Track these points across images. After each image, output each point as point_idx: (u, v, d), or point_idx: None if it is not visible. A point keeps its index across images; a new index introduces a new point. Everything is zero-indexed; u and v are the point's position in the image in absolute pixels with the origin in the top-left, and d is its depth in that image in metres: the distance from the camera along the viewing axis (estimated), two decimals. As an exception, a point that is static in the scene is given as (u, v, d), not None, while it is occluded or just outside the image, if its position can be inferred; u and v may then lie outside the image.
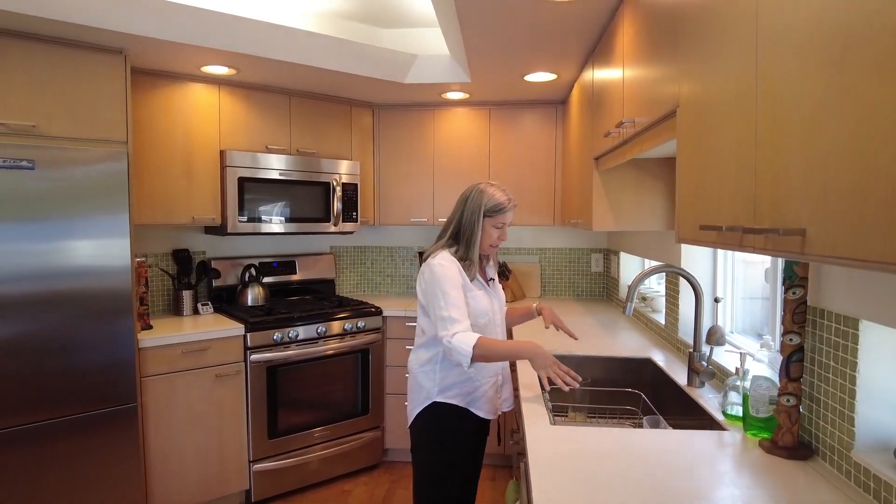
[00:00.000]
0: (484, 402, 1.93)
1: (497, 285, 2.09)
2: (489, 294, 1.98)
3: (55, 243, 2.31)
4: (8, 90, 2.25)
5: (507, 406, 2.08)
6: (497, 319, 2.00)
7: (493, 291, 2.03)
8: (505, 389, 2.05)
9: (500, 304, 2.06)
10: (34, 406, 2.28)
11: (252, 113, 3.18)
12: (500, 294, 2.08)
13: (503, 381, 2.03)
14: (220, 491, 2.85)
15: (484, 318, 1.91)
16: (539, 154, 3.58)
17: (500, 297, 2.07)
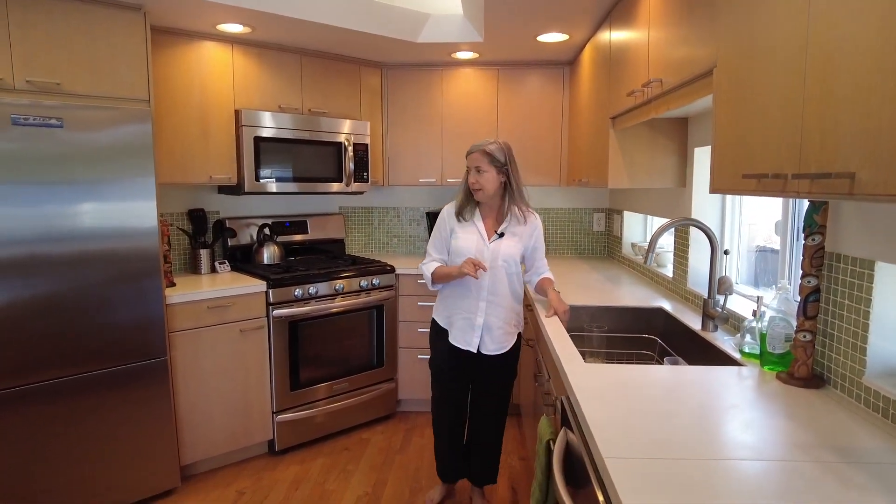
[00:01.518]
0: (457, 330, 2.35)
1: (504, 239, 2.28)
2: (481, 239, 2.28)
3: (86, 204, 2.35)
4: (32, 48, 2.25)
5: (488, 349, 2.33)
6: (485, 263, 2.23)
7: (493, 240, 2.28)
8: (487, 336, 2.31)
9: (500, 257, 2.26)
10: (72, 361, 2.35)
11: (265, 72, 3.19)
12: (503, 246, 2.27)
13: (483, 326, 2.30)
14: (246, 441, 2.98)
15: (464, 258, 2.23)
16: (546, 115, 3.66)
17: (503, 251, 2.26)
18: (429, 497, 2.63)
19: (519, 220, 2.30)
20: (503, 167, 2.24)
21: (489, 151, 2.21)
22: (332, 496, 2.68)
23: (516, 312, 2.37)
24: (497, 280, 2.28)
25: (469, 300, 2.30)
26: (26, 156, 2.18)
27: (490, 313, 2.30)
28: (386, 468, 2.94)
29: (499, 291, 2.29)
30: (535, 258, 2.40)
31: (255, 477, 2.86)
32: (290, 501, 2.64)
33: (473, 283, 2.27)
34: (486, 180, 2.23)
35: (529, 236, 2.34)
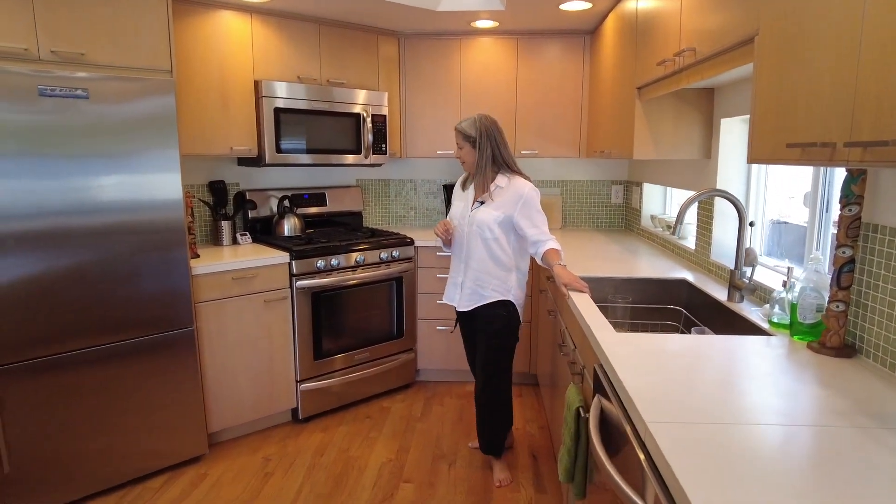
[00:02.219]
0: (447, 288, 2.65)
1: (482, 207, 2.42)
2: (466, 206, 2.49)
3: (112, 176, 2.36)
4: (56, 18, 2.24)
5: (462, 305, 2.55)
6: (463, 229, 2.48)
7: (474, 207, 2.45)
8: (465, 291, 2.52)
9: (475, 222, 2.42)
10: (102, 330, 2.40)
11: (283, 42, 3.16)
12: (481, 215, 2.41)
13: (464, 285, 2.52)
14: (271, 409, 3.04)
15: (455, 223, 2.53)
16: (566, 85, 3.62)
17: (478, 217, 2.41)
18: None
19: (503, 188, 2.40)
20: (474, 142, 2.40)
21: (459, 129, 2.43)
22: (357, 462, 2.75)
23: (496, 277, 2.44)
24: (472, 245, 2.46)
25: (456, 261, 2.57)
26: (53, 128, 2.19)
27: (467, 275, 2.50)
28: (408, 435, 3.00)
29: (474, 255, 2.47)
30: (522, 226, 2.37)
31: (280, 444, 2.93)
32: (316, 468, 2.70)
33: (457, 246, 2.53)
34: (463, 154, 2.45)
35: (514, 203, 2.37)
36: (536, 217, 2.39)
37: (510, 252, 2.45)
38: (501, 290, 2.46)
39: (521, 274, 2.52)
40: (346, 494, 2.49)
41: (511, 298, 2.47)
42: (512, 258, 2.46)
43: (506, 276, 2.45)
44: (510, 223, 2.40)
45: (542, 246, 2.35)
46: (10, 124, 2.10)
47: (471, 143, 2.41)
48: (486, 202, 2.42)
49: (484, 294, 2.47)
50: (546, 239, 2.36)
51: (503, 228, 2.40)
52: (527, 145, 3.69)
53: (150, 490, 2.51)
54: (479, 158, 2.40)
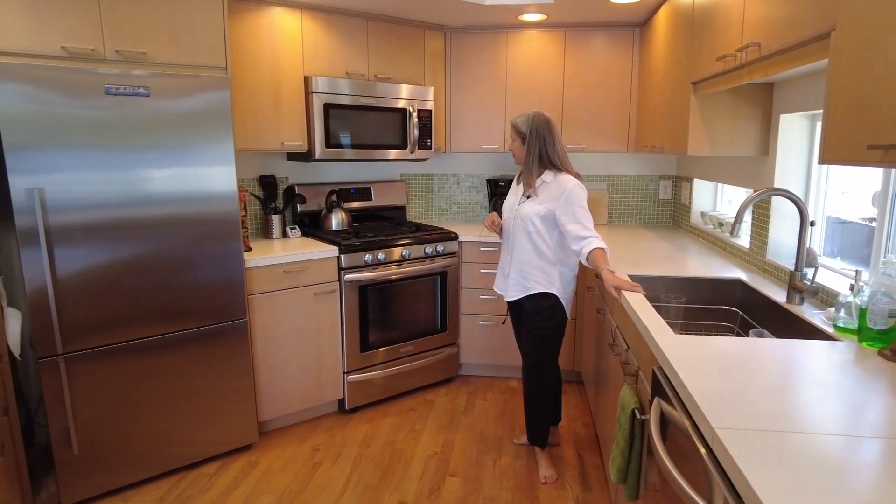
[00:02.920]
0: (497, 279, 2.72)
1: (528, 201, 2.47)
2: (516, 199, 2.54)
3: (171, 170, 2.43)
4: (120, 19, 2.32)
5: (508, 295, 2.58)
6: (510, 222, 2.55)
7: (521, 201, 2.50)
8: (510, 281, 2.56)
9: (519, 215, 2.48)
10: (160, 320, 2.48)
11: (332, 38, 3.20)
12: (525, 208, 2.46)
13: (509, 275, 2.56)
14: (319, 399, 3.10)
15: (505, 215, 2.60)
16: (614, 78, 3.56)
17: (522, 210, 2.47)
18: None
19: (549, 184, 2.43)
20: (524, 138, 2.44)
21: (513, 123, 2.48)
22: (404, 454, 2.78)
23: (540, 269, 2.48)
24: (517, 237, 2.51)
25: (504, 254, 2.64)
26: (117, 123, 2.27)
27: (512, 265, 2.55)
28: (452, 429, 3.02)
29: (517, 247, 2.52)
30: (563, 221, 2.37)
31: (327, 434, 2.99)
32: (363, 458, 2.75)
33: (507, 240, 2.59)
34: (514, 148, 2.51)
35: (557, 199, 2.38)
36: (580, 213, 2.36)
37: (553, 247, 2.46)
38: (545, 282, 2.48)
39: (567, 269, 2.52)
40: (394, 486, 2.53)
41: (554, 292, 2.48)
42: (556, 254, 2.47)
43: (549, 270, 2.48)
44: (552, 218, 2.41)
45: (585, 245, 2.32)
46: (80, 120, 2.19)
47: (521, 138, 2.45)
48: (531, 196, 2.46)
49: (527, 285, 2.50)
50: (590, 237, 2.33)
51: (546, 223, 2.43)
52: (573, 140, 3.65)
53: (204, 476, 2.60)
54: (526, 155, 2.45)
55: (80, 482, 2.36)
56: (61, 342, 2.24)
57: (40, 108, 2.10)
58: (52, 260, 2.19)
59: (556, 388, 2.74)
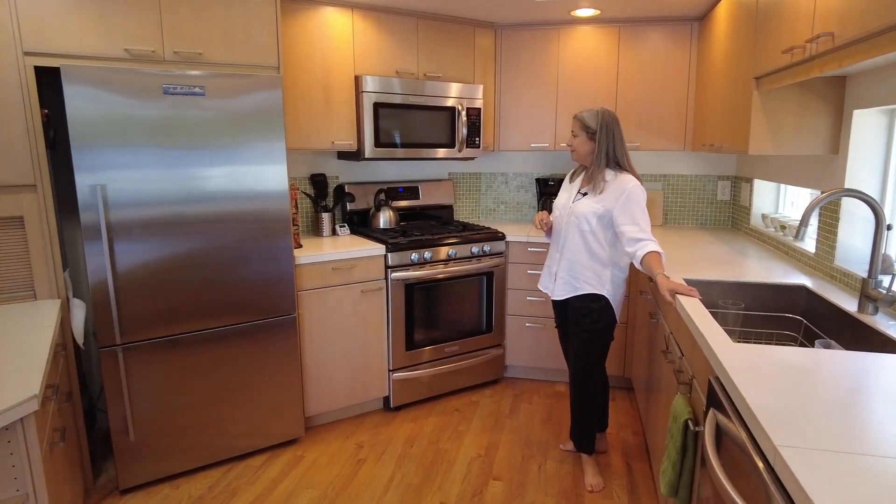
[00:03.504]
0: (542, 275, 2.66)
1: (584, 198, 2.41)
2: (570, 196, 2.48)
3: (225, 168, 2.49)
4: (178, 21, 2.39)
5: (555, 294, 2.53)
6: (562, 220, 2.49)
7: (576, 199, 2.45)
8: (558, 280, 2.50)
9: (574, 213, 2.42)
10: (213, 314, 2.55)
11: (382, 37, 3.21)
12: (580, 206, 2.40)
13: (557, 274, 2.51)
14: (364, 396, 3.12)
15: (556, 213, 2.54)
16: (670, 74, 3.43)
17: (577, 208, 2.41)
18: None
19: (608, 182, 2.36)
20: (593, 134, 2.36)
21: (580, 118, 2.38)
22: (447, 455, 2.77)
23: (590, 270, 2.42)
24: (569, 235, 2.45)
25: (553, 251, 2.57)
26: (174, 123, 2.34)
27: (561, 264, 2.49)
28: (497, 432, 2.98)
29: (569, 245, 2.45)
30: (620, 221, 2.30)
31: (372, 431, 3.01)
32: (407, 457, 2.75)
33: (557, 237, 2.52)
34: (576, 143, 2.42)
35: (615, 198, 2.31)
36: (638, 214, 2.29)
37: (607, 247, 2.39)
38: (595, 283, 2.42)
39: (619, 271, 2.44)
40: (437, 487, 2.52)
41: (605, 293, 2.41)
42: (608, 254, 2.40)
43: (601, 271, 2.41)
44: (609, 218, 2.34)
45: (641, 248, 2.23)
46: (139, 120, 2.27)
47: (588, 134, 2.37)
48: (588, 194, 2.40)
49: (576, 285, 2.44)
50: (645, 239, 2.25)
51: (601, 223, 2.36)
52: (628, 138, 3.51)
53: (251, 468, 2.66)
54: (596, 152, 2.37)
55: (135, 468, 2.45)
56: (120, 333, 2.33)
57: (104, 108, 2.19)
58: (112, 254, 2.28)
59: (603, 393, 2.66)
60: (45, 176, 2.25)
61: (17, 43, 2.13)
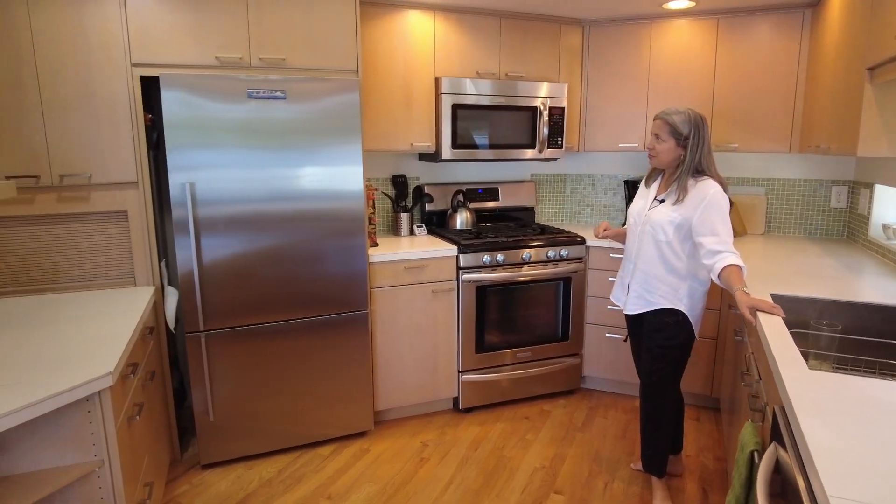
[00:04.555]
0: (614, 289, 2.50)
1: (661, 206, 2.23)
2: (645, 203, 2.31)
3: (304, 169, 2.60)
4: (264, 29, 2.54)
5: (628, 308, 2.38)
6: (636, 228, 2.32)
7: (652, 206, 2.27)
8: (631, 293, 2.35)
9: (649, 222, 2.24)
10: (291, 306, 2.68)
11: (464, 38, 3.20)
12: (656, 214, 2.23)
13: (630, 287, 2.35)
14: (433, 395, 3.14)
15: (631, 220, 2.38)
16: (777, 68, 3.12)
17: (654, 216, 2.23)
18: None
19: (687, 189, 2.16)
20: (683, 140, 2.16)
21: (671, 122, 2.16)
22: (510, 463, 2.71)
23: (666, 283, 2.24)
24: (643, 245, 2.29)
25: (626, 262, 2.42)
26: (257, 125, 2.49)
27: (635, 277, 2.34)
28: (566, 444, 2.88)
29: (643, 256, 2.29)
30: (699, 232, 2.10)
31: (438, 431, 3.02)
32: (469, 460, 2.73)
33: (631, 247, 2.37)
34: (662, 149, 2.20)
35: (695, 206, 2.11)
36: (718, 224, 2.08)
37: (685, 259, 2.21)
38: (671, 297, 2.24)
39: (698, 284, 2.24)
40: (495, 494, 2.47)
41: (682, 308, 2.23)
42: (686, 266, 2.21)
43: (678, 284, 2.23)
44: (687, 228, 2.15)
45: (719, 261, 2.02)
46: (227, 123, 2.43)
47: (677, 139, 2.16)
48: (665, 201, 2.23)
49: (651, 299, 2.28)
50: (725, 252, 2.04)
51: (679, 233, 2.17)
52: (724, 138, 3.27)
53: (319, 456, 2.77)
54: (684, 159, 2.15)
55: (215, 446, 2.64)
56: (203, 320, 2.52)
57: (195, 112, 2.38)
58: (198, 247, 2.47)
59: (677, 413, 2.47)
60: (145, 174, 2.48)
61: (126, 56, 2.37)
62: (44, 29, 2.26)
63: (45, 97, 2.30)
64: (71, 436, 1.57)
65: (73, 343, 1.79)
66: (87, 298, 2.33)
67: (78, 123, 2.35)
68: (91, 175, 2.39)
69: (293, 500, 2.43)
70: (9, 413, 1.34)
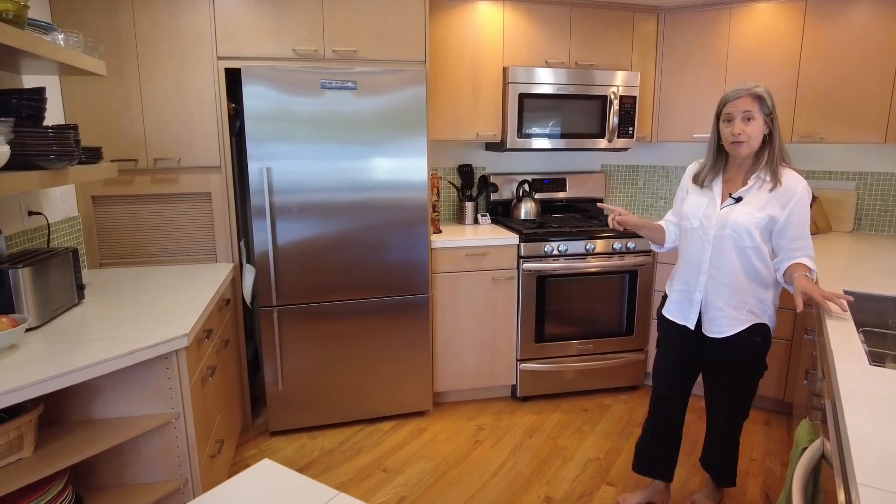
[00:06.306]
0: (672, 302, 2.12)
1: (739, 205, 1.89)
2: (711, 203, 1.96)
3: (371, 160, 2.72)
4: (337, 22, 2.67)
5: (712, 330, 2.01)
6: (710, 231, 1.95)
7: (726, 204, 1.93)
8: (705, 314, 2.01)
9: (729, 225, 1.90)
10: (356, 288, 2.81)
11: (533, 28, 3.20)
12: (736, 212, 1.89)
13: (703, 302, 2.01)
14: (491, 381, 3.19)
15: (691, 222, 2.01)
16: (872, 52, 2.89)
17: (735, 218, 1.89)
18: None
19: (769, 183, 1.86)
20: (769, 115, 1.84)
21: (759, 94, 1.82)
22: (564, 452, 2.71)
23: (752, 295, 1.92)
24: (723, 253, 1.92)
25: (689, 272, 2.03)
26: (329, 116, 2.62)
27: (711, 290, 1.97)
28: (622, 439, 2.84)
29: (724, 267, 1.93)
30: (786, 235, 1.85)
31: (495, 417, 3.06)
32: (523, 447, 2.75)
33: (695, 253, 1.99)
34: (754, 130, 1.84)
35: (782, 205, 1.84)
36: (806, 227, 1.86)
37: (770, 265, 1.92)
38: (758, 310, 1.94)
39: (778, 289, 2.00)
40: (546, 481, 2.49)
41: (767, 321, 1.97)
42: (771, 273, 1.93)
43: (763, 294, 1.94)
44: (771, 229, 1.88)
45: (795, 258, 1.85)
46: (302, 115, 2.59)
47: (765, 115, 1.84)
48: (743, 198, 1.90)
49: (739, 316, 1.95)
50: (802, 255, 1.86)
51: (764, 235, 1.88)
52: (808, 129, 3.07)
53: (379, 431, 2.89)
54: (775, 137, 1.86)
55: (283, 415, 2.82)
56: (276, 296, 2.70)
57: (273, 103, 2.55)
58: (274, 230, 2.64)
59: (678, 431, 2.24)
60: (227, 159, 2.68)
61: (213, 50, 2.58)
62: (146, 28, 2.50)
63: (144, 89, 2.55)
64: (153, 388, 1.76)
65: (158, 308, 1.99)
66: (173, 271, 2.57)
67: (171, 112, 2.59)
68: (180, 159, 2.63)
69: (352, 470, 2.56)
70: (101, 362, 1.53)
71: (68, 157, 1.73)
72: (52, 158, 1.66)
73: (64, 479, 1.56)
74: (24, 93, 1.82)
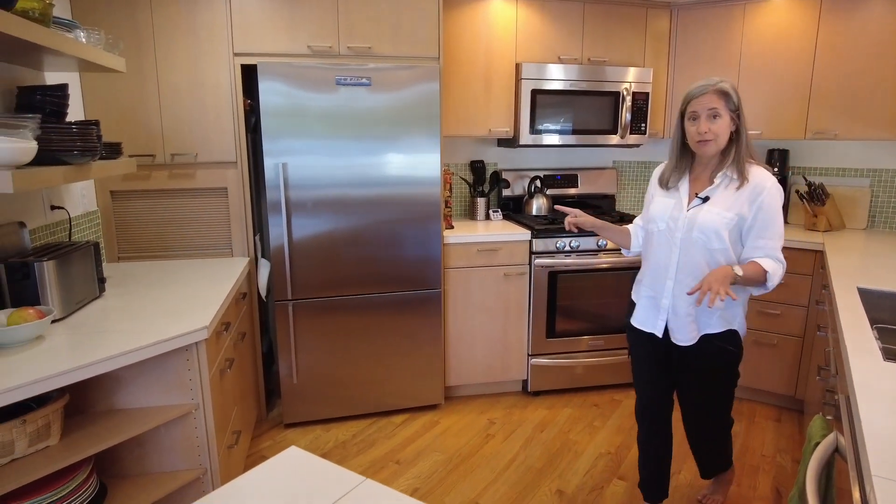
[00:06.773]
0: (640, 308, 2.03)
1: (706, 205, 1.80)
2: (678, 205, 1.86)
3: (384, 156, 2.74)
4: (352, 19, 2.69)
5: (677, 337, 1.92)
6: (676, 234, 1.85)
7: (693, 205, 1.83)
8: (679, 317, 1.89)
9: (697, 227, 1.81)
10: (369, 282, 2.84)
11: (546, 24, 3.21)
12: (706, 215, 1.80)
13: (671, 309, 1.91)
14: (502, 376, 3.21)
15: (658, 225, 1.91)
16: (887, 50, 2.87)
17: (703, 219, 1.80)
18: None
19: (736, 181, 1.79)
20: (736, 111, 1.77)
21: (725, 90, 1.75)
22: (574, 446, 2.73)
23: (725, 302, 1.85)
24: (691, 257, 1.83)
25: (656, 278, 1.94)
26: (344, 112, 2.65)
27: (679, 296, 1.88)
28: (633, 434, 2.85)
29: (692, 271, 1.84)
30: (751, 234, 1.79)
31: (506, 411, 3.08)
32: (534, 441, 2.78)
33: (661, 258, 1.90)
34: (720, 128, 1.76)
35: (750, 202, 1.77)
36: (773, 226, 1.78)
37: None
38: (728, 316, 1.88)
39: (746, 294, 1.93)
40: (557, 474, 2.51)
41: (737, 327, 1.91)
42: None
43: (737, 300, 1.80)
44: (740, 230, 1.81)
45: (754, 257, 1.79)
46: (317, 111, 2.61)
47: (732, 111, 1.76)
48: (710, 198, 1.81)
49: (707, 321, 1.89)
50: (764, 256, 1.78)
51: (733, 236, 1.80)
52: (822, 125, 3.06)
53: (392, 424, 2.92)
54: (741, 134, 1.78)
55: (297, 407, 2.86)
56: (291, 290, 2.73)
57: (288, 99, 2.57)
58: (289, 225, 2.68)
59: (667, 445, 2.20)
60: (243, 155, 2.72)
61: (229, 47, 2.61)
62: (163, 25, 2.53)
63: (161, 86, 2.58)
64: (173, 379, 1.80)
65: (177, 301, 2.03)
66: (190, 265, 2.61)
67: (187, 108, 2.62)
68: (197, 154, 2.66)
69: (365, 462, 2.60)
70: (124, 353, 1.56)
71: (91, 152, 1.77)
72: (75, 154, 1.69)
73: (89, 468, 1.60)
74: (47, 89, 1.86)
